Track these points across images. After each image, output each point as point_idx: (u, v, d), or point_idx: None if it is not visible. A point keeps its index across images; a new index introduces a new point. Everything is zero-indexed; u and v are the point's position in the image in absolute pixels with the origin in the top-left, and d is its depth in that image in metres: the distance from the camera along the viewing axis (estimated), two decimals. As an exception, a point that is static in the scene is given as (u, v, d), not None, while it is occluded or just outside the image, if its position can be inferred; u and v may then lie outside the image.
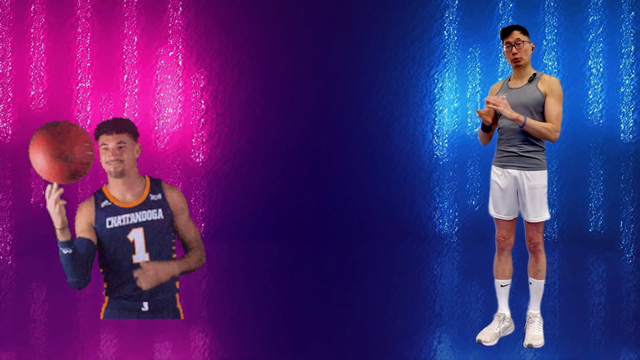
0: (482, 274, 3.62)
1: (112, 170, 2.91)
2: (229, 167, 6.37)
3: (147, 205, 3.02)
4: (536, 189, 3.36)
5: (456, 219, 6.33)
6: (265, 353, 3.47)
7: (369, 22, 6.38)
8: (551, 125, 3.30)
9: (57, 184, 2.65)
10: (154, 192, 3.06)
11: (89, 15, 6.20)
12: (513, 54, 3.35)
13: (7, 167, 5.86)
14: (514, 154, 3.39)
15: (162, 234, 3.04)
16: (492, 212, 3.54)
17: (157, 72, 6.34)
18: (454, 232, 6.31)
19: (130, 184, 3.00)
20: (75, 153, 2.71)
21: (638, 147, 6.05)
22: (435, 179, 6.38)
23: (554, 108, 3.32)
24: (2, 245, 5.65)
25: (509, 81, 3.48)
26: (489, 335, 3.48)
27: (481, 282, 4.63)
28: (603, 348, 3.54)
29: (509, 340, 3.53)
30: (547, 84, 3.34)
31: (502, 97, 3.31)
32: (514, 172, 3.40)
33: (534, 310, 3.51)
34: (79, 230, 2.96)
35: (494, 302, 3.65)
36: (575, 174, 6.22)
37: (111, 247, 2.97)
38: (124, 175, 2.95)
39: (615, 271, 5.30)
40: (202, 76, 6.35)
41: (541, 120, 3.35)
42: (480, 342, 3.46)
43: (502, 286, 3.56)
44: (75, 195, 6.17)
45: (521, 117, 3.27)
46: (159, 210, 3.04)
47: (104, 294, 3.07)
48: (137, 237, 2.98)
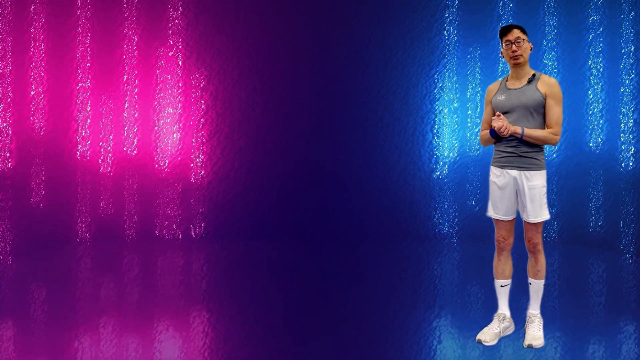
0: (482, 274, 3.62)
1: None
2: (229, 167, 6.37)
3: None
4: (535, 189, 3.36)
5: (456, 219, 6.33)
6: (266, 353, 3.47)
7: (369, 22, 6.38)
8: (550, 131, 3.31)
9: None
10: None
11: (89, 15, 6.20)
12: (513, 52, 3.33)
13: (7, 167, 5.86)
14: (513, 155, 3.38)
15: None
16: (491, 213, 3.53)
17: (157, 72, 6.34)
18: (454, 232, 6.31)
19: None
20: None
21: (638, 147, 6.05)
22: (435, 179, 6.38)
23: (554, 111, 3.31)
24: (2, 245, 5.65)
25: (506, 81, 3.46)
26: (489, 335, 3.48)
27: (481, 282, 4.63)
28: (603, 348, 3.54)
29: (509, 340, 3.53)
30: (547, 85, 3.33)
31: (500, 117, 3.29)
32: (514, 172, 3.39)
33: (533, 310, 3.51)
34: None
35: (494, 302, 3.65)
36: (575, 174, 6.22)
37: None
38: None
39: (615, 271, 5.30)
40: (202, 76, 6.35)
41: (541, 121, 3.35)
42: (480, 342, 3.46)
43: (502, 286, 3.56)
44: (75, 195, 6.17)
45: (519, 129, 3.28)
46: None
47: None
48: None
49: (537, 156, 3.37)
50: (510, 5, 6.29)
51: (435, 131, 6.39)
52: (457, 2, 6.35)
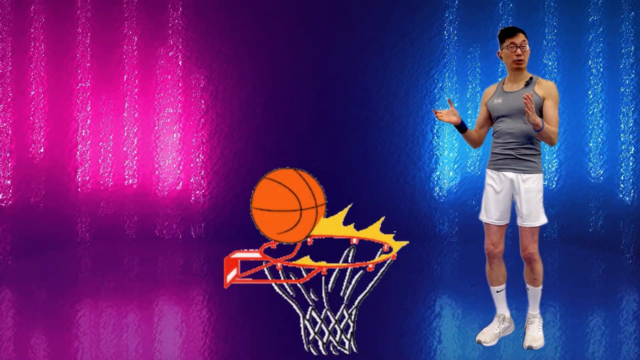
0: (482, 275, 3.61)
1: None
2: (229, 167, 6.37)
3: None
4: (532, 192, 3.31)
5: (456, 219, 6.33)
6: (266, 352, 3.47)
7: (369, 22, 6.38)
8: (556, 131, 3.30)
9: None
10: None
11: (89, 15, 6.20)
12: (517, 56, 3.29)
13: (7, 167, 5.86)
14: (510, 157, 3.35)
15: None
16: (483, 217, 3.46)
17: (157, 72, 6.34)
18: (454, 232, 6.31)
19: None
20: None
21: (638, 147, 6.05)
22: (435, 179, 6.38)
23: (552, 112, 3.29)
24: (2, 245, 5.65)
25: (503, 84, 3.42)
26: (489, 335, 3.48)
27: (481, 283, 4.62)
28: (603, 348, 3.54)
29: (508, 340, 3.53)
30: (545, 88, 3.31)
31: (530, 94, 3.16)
32: (510, 175, 3.35)
33: (533, 311, 3.50)
34: None
35: (493, 302, 3.65)
36: (575, 174, 6.22)
37: None
38: None
39: (615, 271, 5.30)
40: (202, 76, 6.35)
41: None
42: (480, 342, 3.46)
43: (497, 292, 3.53)
44: (75, 195, 6.17)
45: (540, 122, 3.15)
46: None
47: None
48: None
49: (534, 159, 3.34)
50: (510, 5, 6.29)
51: (435, 131, 6.39)
52: (457, 2, 6.34)
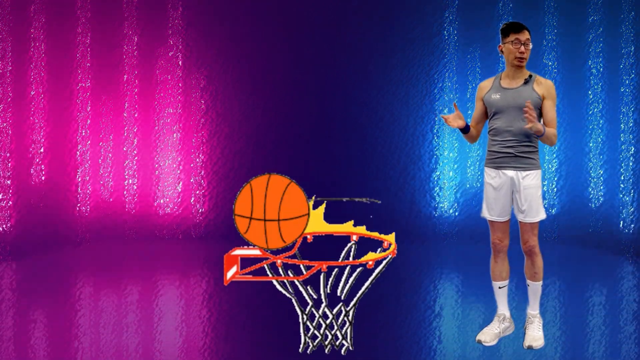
0: (482, 274, 3.62)
1: None
2: (229, 167, 6.37)
3: None
4: (532, 188, 3.35)
5: (456, 219, 6.33)
6: (266, 352, 3.48)
7: (369, 22, 6.38)
8: (555, 132, 3.31)
9: None
10: None
11: (89, 15, 6.20)
12: (521, 53, 3.30)
13: (7, 167, 5.86)
14: (509, 155, 3.36)
15: None
16: (485, 214, 3.49)
17: (157, 72, 6.34)
18: (454, 232, 6.31)
19: None
20: None
21: (638, 147, 6.05)
22: (435, 179, 6.38)
23: (552, 113, 3.32)
24: (2, 245, 5.65)
25: (500, 80, 3.42)
26: (489, 335, 3.48)
27: (481, 283, 4.62)
28: (603, 348, 3.54)
29: (508, 340, 3.53)
30: (545, 87, 3.33)
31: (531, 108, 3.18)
32: (510, 172, 3.37)
33: (533, 310, 3.50)
34: None
35: (493, 302, 3.65)
36: (575, 175, 6.23)
37: None
38: None
39: (615, 271, 5.30)
40: (202, 76, 6.35)
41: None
42: (480, 342, 3.46)
43: (499, 288, 3.54)
44: (75, 195, 6.17)
45: (541, 128, 3.18)
46: None
47: None
48: None
49: (533, 156, 3.36)
50: (510, 5, 6.29)
51: (435, 131, 6.39)
52: (457, 2, 6.34)
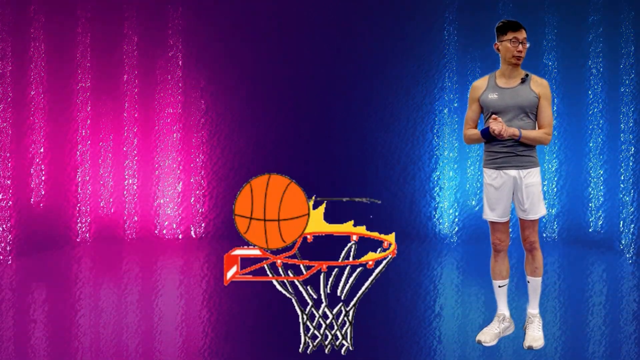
0: (482, 275, 3.62)
1: None
2: (229, 167, 6.36)
3: None
4: (533, 186, 3.37)
5: (456, 219, 6.33)
6: (266, 352, 3.48)
7: (369, 22, 6.38)
8: (544, 131, 3.34)
9: None
10: None
11: (89, 15, 6.19)
12: (519, 52, 3.32)
13: (7, 167, 5.86)
14: (510, 154, 3.37)
15: None
16: (487, 215, 3.48)
17: (157, 72, 6.34)
18: (454, 232, 6.31)
19: None
20: None
21: (638, 147, 6.05)
22: (435, 179, 6.38)
23: (547, 112, 3.35)
24: (2, 245, 5.65)
25: (496, 79, 3.43)
26: (489, 335, 3.48)
27: (481, 283, 4.63)
28: (603, 348, 3.54)
29: (508, 340, 3.53)
30: (541, 86, 3.35)
31: (498, 120, 3.26)
32: (512, 172, 3.38)
33: (533, 309, 3.50)
34: None
35: (493, 302, 3.65)
36: (575, 174, 6.22)
37: None
38: None
39: (615, 271, 5.30)
40: (202, 76, 6.35)
41: (533, 121, 3.37)
42: (480, 342, 3.46)
43: (499, 287, 3.55)
44: (75, 194, 6.17)
45: (516, 131, 3.28)
46: None
47: None
48: None
49: (532, 154, 3.39)
50: (510, 5, 6.29)
51: (435, 131, 6.39)
52: (457, 2, 6.34)
